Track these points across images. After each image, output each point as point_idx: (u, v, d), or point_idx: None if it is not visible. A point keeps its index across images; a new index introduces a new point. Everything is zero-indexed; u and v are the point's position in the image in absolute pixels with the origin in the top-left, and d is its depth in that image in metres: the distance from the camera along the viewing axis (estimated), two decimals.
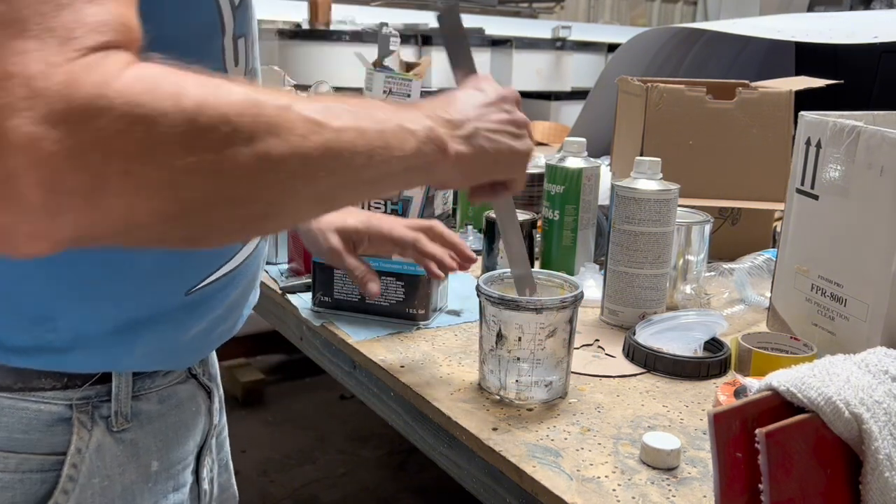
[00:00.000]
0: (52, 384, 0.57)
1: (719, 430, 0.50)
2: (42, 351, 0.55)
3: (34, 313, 0.55)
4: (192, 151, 0.38)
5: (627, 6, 5.14)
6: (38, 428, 0.56)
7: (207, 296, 0.62)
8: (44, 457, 0.57)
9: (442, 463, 0.84)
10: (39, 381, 0.56)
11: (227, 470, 0.81)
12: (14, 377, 0.55)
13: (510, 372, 0.81)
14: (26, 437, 0.56)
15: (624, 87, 1.46)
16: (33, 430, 0.56)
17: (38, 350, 0.55)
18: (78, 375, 0.57)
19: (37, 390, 0.56)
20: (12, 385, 0.55)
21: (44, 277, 0.54)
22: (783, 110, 1.32)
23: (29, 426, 0.56)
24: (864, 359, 0.59)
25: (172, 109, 0.37)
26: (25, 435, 0.56)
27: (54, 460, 0.57)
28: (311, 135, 0.43)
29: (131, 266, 0.56)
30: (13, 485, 0.56)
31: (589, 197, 1.19)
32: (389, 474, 2.32)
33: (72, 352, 0.56)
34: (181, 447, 0.66)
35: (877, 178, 0.81)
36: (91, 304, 0.56)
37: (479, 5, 3.45)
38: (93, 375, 0.58)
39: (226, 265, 0.62)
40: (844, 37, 1.80)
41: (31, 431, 0.56)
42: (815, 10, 3.88)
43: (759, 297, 1.09)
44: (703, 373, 0.89)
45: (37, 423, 0.56)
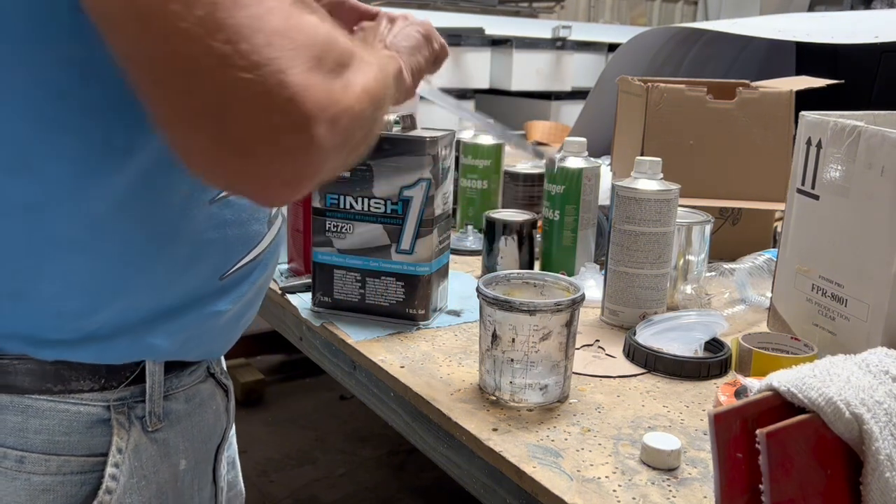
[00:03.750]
0: (90, 385, 0.57)
1: (720, 431, 0.50)
2: (85, 342, 0.56)
3: (76, 307, 0.55)
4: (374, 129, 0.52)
5: (627, 6, 5.14)
6: (79, 430, 0.57)
7: (238, 280, 0.63)
8: (84, 458, 0.58)
9: (442, 463, 0.84)
10: (78, 383, 0.57)
11: (234, 467, 0.82)
12: (54, 379, 0.56)
13: (504, 373, 0.81)
14: (67, 439, 0.57)
15: (624, 87, 1.46)
16: (74, 431, 0.57)
17: (82, 342, 0.56)
18: (114, 375, 0.58)
19: (76, 392, 0.57)
20: (52, 387, 0.56)
21: (86, 272, 0.55)
22: (784, 110, 1.32)
23: (70, 428, 0.57)
24: (864, 359, 0.59)
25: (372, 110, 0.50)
26: (66, 437, 0.57)
27: (94, 462, 0.58)
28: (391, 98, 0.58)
29: (171, 253, 0.58)
30: (54, 487, 0.57)
31: (589, 197, 1.19)
32: (389, 474, 2.32)
33: (113, 341, 0.57)
34: (204, 445, 0.67)
35: (877, 178, 0.81)
36: (132, 294, 0.57)
37: (479, 5, 3.44)
38: (128, 376, 0.59)
39: (255, 249, 0.64)
40: (845, 37, 1.80)
41: (72, 433, 0.57)
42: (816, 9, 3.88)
43: (760, 298, 1.09)
44: (703, 373, 0.89)
45: (77, 425, 0.57)
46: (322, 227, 1.01)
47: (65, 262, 0.54)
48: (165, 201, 0.56)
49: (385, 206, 0.98)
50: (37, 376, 0.56)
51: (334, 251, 1.01)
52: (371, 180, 0.97)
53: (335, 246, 1.01)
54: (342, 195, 0.99)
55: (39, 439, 0.57)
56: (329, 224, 1.01)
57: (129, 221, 0.55)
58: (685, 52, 2.10)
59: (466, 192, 1.43)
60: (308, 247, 1.08)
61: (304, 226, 1.10)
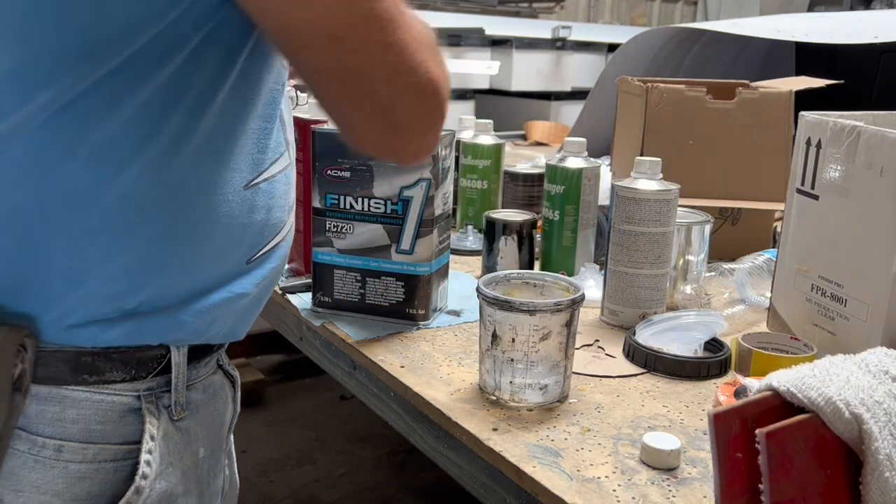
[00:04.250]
0: (121, 376, 0.60)
1: (719, 431, 0.50)
2: (122, 320, 0.59)
3: (117, 289, 0.58)
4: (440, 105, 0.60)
5: (627, 6, 5.14)
6: (113, 419, 0.60)
7: (261, 264, 0.67)
8: (118, 446, 0.60)
9: (442, 463, 0.84)
10: (111, 374, 0.59)
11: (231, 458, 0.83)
12: (89, 370, 0.59)
13: (504, 373, 0.81)
14: (102, 427, 0.60)
15: (624, 87, 1.46)
16: (108, 420, 0.60)
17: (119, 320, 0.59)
18: (143, 366, 0.61)
19: (109, 382, 0.59)
20: (88, 378, 0.59)
21: (127, 254, 0.58)
22: (783, 110, 1.32)
23: (105, 417, 0.60)
24: (864, 359, 0.59)
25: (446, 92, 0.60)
26: (101, 426, 0.59)
27: (126, 449, 0.61)
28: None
29: (210, 237, 0.61)
30: (90, 475, 0.59)
31: (589, 197, 1.19)
32: (389, 474, 2.32)
33: (149, 320, 0.60)
34: (218, 434, 0.70)
35: (877, 178, 0.81)
36: (171, 275, 0.60)
37: (479, 5, 3.44)
38: (155, 367, 0.61)
39: (277, 235, 0.68)
40: (844, 37, 1.80)
41: (107, 422, 0.60)
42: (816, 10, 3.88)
43: (760, 298, 1.09)
44: (703, 373, 0.89)
45: (111, 414, 0.60)
46: (322, 227, 1.01)
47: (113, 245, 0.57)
48: (209, 187, 0.60)
49: (385, 206, 0.98)
50: (73, 367, 0.58)
51: (334, 251, 1.01)
52: (371, 180, 0.97)
53: (335, 246, 1.01)
54: (342, 195, 0.99)
55: (76, 428, 0.59)
56: (329, 224, 1.01)
57: (175, 206, 0.58)
58: (685, 52, 2.10)
59: (466, 192, 1.43)
60: (308, 247, 1.08)
61: (304, 226, 1.10)
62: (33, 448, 0.58)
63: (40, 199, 0.55)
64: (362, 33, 0.53)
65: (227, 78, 0.58)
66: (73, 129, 0.54)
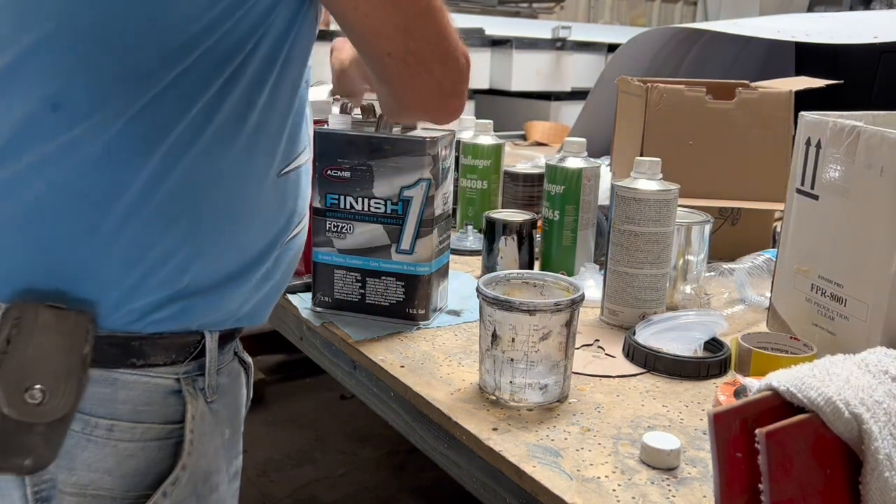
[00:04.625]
0: (163, 360, 0.64)
1: (719, 430, 0.50)
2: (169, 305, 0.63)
3: (167, 272, 0.62)
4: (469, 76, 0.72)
5: (627, 6, 5.14)
6: (157, 400, 0.64)
7: (286, 250, 0.72)
8: (161, 426, 0.64)
9: (442, 463, 0.84)
10: (155, 358, 0.63)
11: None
12: (137, 354, 0.63)
13: (504, 372, 0.81)
14: (148, 408, 0.64)
15: (624, 88, 1.46)
16: (153, 402, 0.64)
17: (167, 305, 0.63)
18: (181, 351, 0.65)
19: (153, 366, 0.63)
20: (136, 362, 0.62)
21: (179, 238, 0.62)
22: (783, 110, 1.32)
23: (150, 398, 0.64)
24: (863, 359, 0.59)
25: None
26: (147, 406, 0.63)
27: (169, 428, 0.65)
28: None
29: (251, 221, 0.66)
30: (137, 452, 0.63)
31: (589, 197, 1.19)
32: (389, 474, 2.32)
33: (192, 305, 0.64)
34: (237, 417, 0.74)
35: (877, 178, 0.81)
36: (212, 258, 0.64)
37: (479, 5, 3.44)
38: (191, 352, 0.65)
39: (300, 223, 0.73)
40: (844, 37, 1.80)
41: (152, 403, 0.64)
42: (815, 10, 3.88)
43: (759, 297, 1.09)
44: (703, 373, 0.89)
45: (156, 396, 0.64)
46: (322, 227, 1.01)
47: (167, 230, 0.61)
48: (252, 174, 0.65)
49: (385, 206, 0.98)
50: (123, 351, 0.62)
51: (334, 251, 1.01)
52: (371, 180, 0.97)
53: (335, 246, 1.01)
54: (342, 195, 0.99)
55: (126, 409, 0.63)
56: (329, 224, 1.01)
57: (221, 192, 0.63)
58: (685, 52, 2.10)
59: (466, 192, 1.43)
60: (308, 247, 1.08)
61: None
62: (87, 428, 0.61)
63: (108, 191, 0.59)
64: (424, 24, 0.66)
65: (272, 75, 0.64)
66: (148, 130, 0.59)
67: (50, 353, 0.58)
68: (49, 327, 0.58)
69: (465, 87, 0.73)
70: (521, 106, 3.12)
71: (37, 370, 0.58)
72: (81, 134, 0.58)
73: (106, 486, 0.62)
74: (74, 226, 0.59)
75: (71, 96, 0.57)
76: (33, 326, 0.58)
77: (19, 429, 0.57)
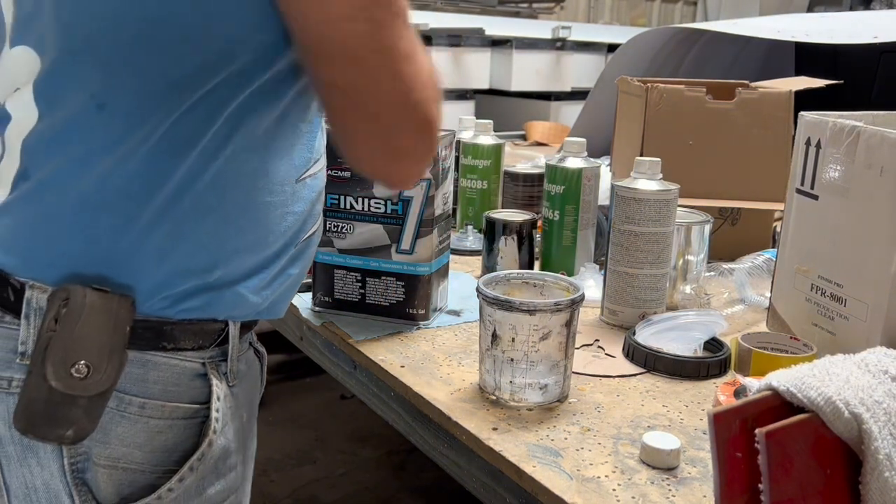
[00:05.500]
0: (191, 345, 0.67)
1: (719, 430, 0.50)
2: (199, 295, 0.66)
3: (198, 265, 0.65)
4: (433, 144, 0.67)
5: (627, 6, 5.14)
6: (185, 381, 0.67)
7: (304, 248, 0.74)
8: (188, 405, 0.68)
9: (442, 463, 0.84)
10: (184, 342, 0.67)
11: None
12: (167, 338, 0.66)
13: (504, 372, 0.81)
14: (177, 388, 0.67)
15: (624, 88, 1.46)
16: (182, 383, 0.67)
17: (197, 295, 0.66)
18: (207, 337, 0.68)
19: (182, 350, 0.67)
20: (166, 345, 0.66)
21: (209, 234, 0.65)
22: (783, 110, 1.32)
23: (179, 380, 0.67)
24: (863, 359, 0.59)
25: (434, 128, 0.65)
26: (176, 387, 0.67)
27: (196, 408, 0.68)
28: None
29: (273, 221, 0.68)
30: (165, 430, 0.67)
31: (589, 197, 1.19)
32: (389, 474, 2.32)
33: (220, 297, 0.67)
34: (253, 403, 0.78)
35: (877, 178, 0.81)
36: (239, 254, 0.67)
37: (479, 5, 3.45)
38: (216, 339, 0.69)
39: (315, 225, 0.75)
40: (844, 37, 1.80)
41: (181, 384, 0.67)
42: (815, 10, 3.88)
43: (759, 297, 1.09)
44: (702, 373, 0.89)
45: (183, 378, 0.67)
46: (322, 226, 1.01)
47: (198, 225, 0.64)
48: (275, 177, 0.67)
49: (385, 206, 0.98)
50: (156, 335, 0.65)
51: (334, 251, 1.01)
52: (371, 180, 0.97)
53: (335, 246, 1.01)
54: (342, 195, 0.99)
55: (157, 388, 0.66)
56: (329, 224, 1.01)
57: (248, 191, 0.66)
58: (685, 52, 2.10)
59: (466, 192, 1.43)
60: None
61: None
62: (121, 405, 0.65)
63: (147, 187, 0.62)
64: (381, 62, 0.60)
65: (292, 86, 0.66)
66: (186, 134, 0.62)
67: (96, 331, 0.62)
68: (96, 308, 0.62)
69: (421, 155, 0.67)
70: (521, 106, 3.12)
71: (83, 347, 0.62)
72: (125, 134, 0.61)
73: (136, 460, 0.66)
74: (116, 218, 0.63)
75: (116, 97, 0.61)
76: (81, 307, 0.62)
77: (64, 401, 0.61)
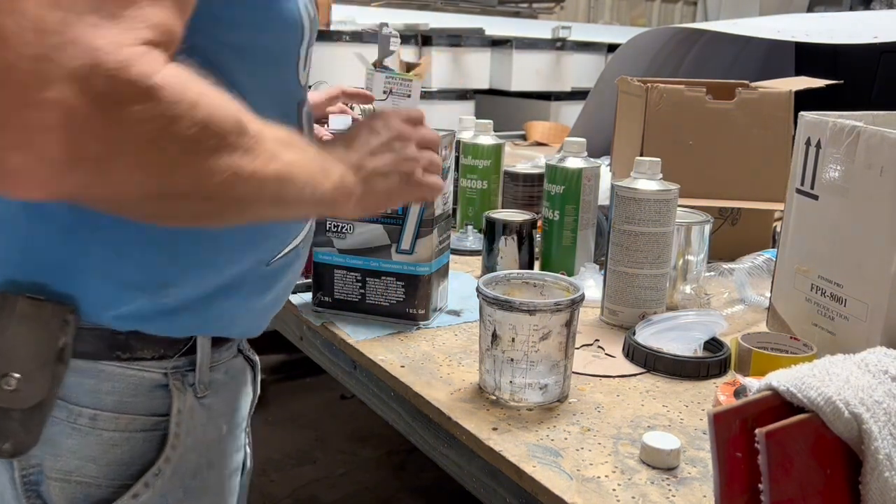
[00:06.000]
0: (151, 354, 0.65)
1: (719, 430, 0.50)
2: (157, 315, 0.63)
3: (158, 281, 0.63)
4: (190, 151, 0.50)
5: (627, 6, 5.14)
6: (143, 392, 0.65)
7: (280, 267, 0.71)
8: (147, 417, 0.65)
9: (442, 463, 0.84)
10: (142, 352, 0.64)
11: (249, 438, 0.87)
12: (123, 348, 0.63)
13: (504, 372, 0.81)
14: (134, 399, 0.64)
15: (624, 88, 1.46)
16: (139, 394, 0.65)
17: (154, 314, 0.63)
18: (171, 347, 0.65)
19: (140, 360, 0.64)
20: (121, 355, 0.63)
21: (168, 251, 0.62)
22: (783, 110, 1.32)
23: (136, 391, 0.64)
24: (863, 359, 0.59)
25: (190, 114, 0.48)
26: (133, 398, 0.64)
27: (155, 420, 0.65)
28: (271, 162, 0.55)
29: (230, 239, 0.65)
30: (121, 442, 0.64)
31: (589, 197, 1.19)
32: (389, 474, 2.32)
33: (178, 316, 0.64)
34: (239, 412, 0.75)
35: (877, 178, 0.81)
36: (200, 272, 0.65)
37: (479, 5, 3.45)
38: (181, 349, 0.66)
39: (294, 240, 0.71)
40: (844, 37, 1.80)
41: (138, 395, 0.64)
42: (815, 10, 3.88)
43: (759, 297, 1.09)
44: (702, 373, 0.89)
45: (141, 388, 0.65)
46: (322, 227, 1.01)
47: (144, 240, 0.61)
48: None
49: None
50: (108, 345, 0.63)
51: (334, 251, 1.01)
52: None
53: (335, 246, 1.01)
54: None
55: (110, 400, 0.64)
56: (329, 224, 1.01)
57: None
58: (685, 52, 2.11)
59: (466, 192, 1.43)
60: None
61: None
62: (71, 416, 0.63)
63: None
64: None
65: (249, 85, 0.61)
66: None
67: (26, 341, 0.60)
68: (26, 317, 0.59)
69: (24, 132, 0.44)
70: (521, 106, 3.12)
71: (12, 357, 0.59)
72: None
73: (90, 474, 0.64)
74: (53, 227, 0.60)
75: None
76: (10, 315, 0.59)
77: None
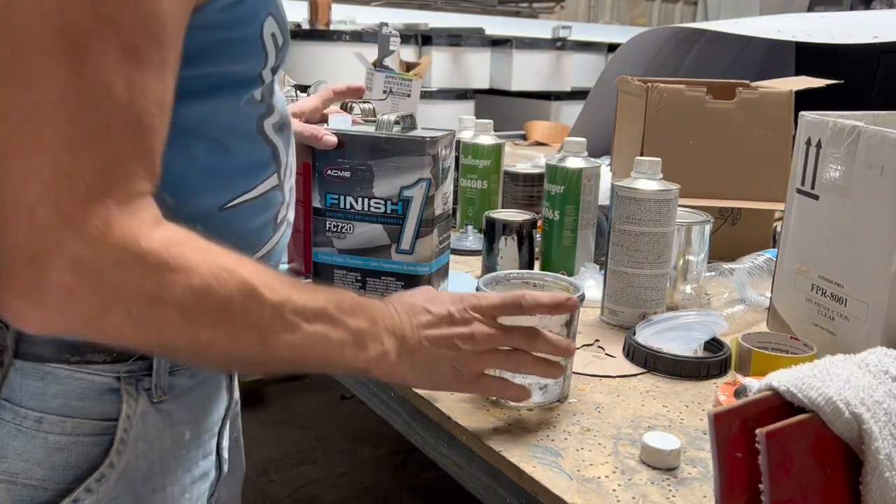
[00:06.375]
0: (103, 358, 0.63)
1: (719, 430, 0.50)
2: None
3: None
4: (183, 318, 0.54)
5: (627, 6, 5.14)
6: (91, 396, 0.63)
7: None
8: (95, 422, 0.63)
9: (442, 463, 0.84)
10: (93, 356, 0.63)
11: (238, 446, 0.86)
12: (72, 351, 0.62)
13: (504, 372, 0.81)
14: (81, 404, 0.63)
15: (624, 87, 1.46)
16: (87, 398, 0.63)
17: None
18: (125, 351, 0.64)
19: (90, 363, 0.63)
20: (70, 358, 0.62)
21: None
22: (783, 110, 1.32)
23: (84, 394, 0.63)
24: (864, 359, 0.59)
25: (184, 284, 0.53)
26: (81, 402, 0.63)
27: (105, 425, 0.64)
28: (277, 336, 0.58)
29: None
30: (68, 447, 0.63)
31: (589, 197, 1.19)
32: (389, 474, 2.32)
33: None
34: (208, 418, 0.73)
35: (877, 178, 0.81)
36: None
37: (479, 5, 3.45)
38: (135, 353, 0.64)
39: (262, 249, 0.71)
40: (844, 37, 1.80)
41: (85, 399, 0.63)
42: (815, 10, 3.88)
43: (759, 297, 1.09)
44: (703, 373, 0.89)
45: (90, 392, 0.63)
46: (322, 227, 1.01)
47: None
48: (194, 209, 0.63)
49: (385, 206, 0.98)
50: (57, 347, 0.62)
51: (334, 251, 1.01)
52: (371, 180, 0.97)
53: (335, 246, 1.01)
54: (342, 195, 0.99)
55: (56, 403, 0.62)
56: (329, 224, 1.01)
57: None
58: (685, 52, 2.10)
59: (466, 192, 1.43)
60: (308, 247, 1.08)
61: (304, 226, 1.10)
62: (16, 418, 0.62)
63: None
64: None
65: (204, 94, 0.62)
66: None
67: None
68: None
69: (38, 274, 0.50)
70: (521, 106, 3.12)
71: None
72: None
73: (36, 477, 0.63)
74: None
75: None
76: None
77: None
